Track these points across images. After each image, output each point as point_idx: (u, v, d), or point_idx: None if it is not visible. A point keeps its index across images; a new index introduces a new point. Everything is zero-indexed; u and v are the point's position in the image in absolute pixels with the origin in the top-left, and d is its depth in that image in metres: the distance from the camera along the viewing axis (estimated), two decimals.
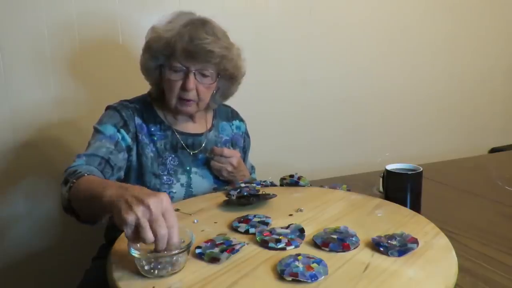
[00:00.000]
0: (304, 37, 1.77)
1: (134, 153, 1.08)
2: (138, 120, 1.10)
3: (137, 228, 0.64)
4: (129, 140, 1.06)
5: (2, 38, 1.31)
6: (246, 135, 1.32)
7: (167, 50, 1.05)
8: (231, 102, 1.26)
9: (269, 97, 1.75)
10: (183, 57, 1.04)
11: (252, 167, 1.37)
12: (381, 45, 1.95)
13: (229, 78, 1.14)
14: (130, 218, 0.63)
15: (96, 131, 1.05)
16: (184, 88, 1.06)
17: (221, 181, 1.18)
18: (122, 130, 1.05)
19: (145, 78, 1.14)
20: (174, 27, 1.04)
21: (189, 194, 1.11)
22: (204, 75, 1.07)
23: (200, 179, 1.15)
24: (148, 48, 1.08)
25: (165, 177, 1.09)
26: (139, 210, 0.63)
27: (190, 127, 1.17)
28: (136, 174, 1.08)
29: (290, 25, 1.74)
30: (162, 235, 0.64)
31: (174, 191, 1.09)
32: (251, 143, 1.35)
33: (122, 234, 0.83)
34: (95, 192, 0.73)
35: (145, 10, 1.46)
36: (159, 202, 0.65)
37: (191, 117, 1.17)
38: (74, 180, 0.84)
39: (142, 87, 1.18)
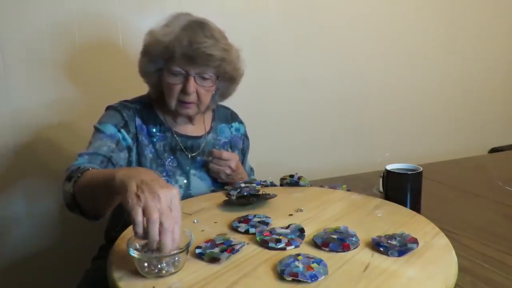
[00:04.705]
0: (304, 37, 1.77)
1: (134, 153, 1.08)
2: (138, 121, 1.10)
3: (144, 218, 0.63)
4: (129, 140, 1.06)
5: (2, 39, 1.31)
6: (245, 137, 1.32)
7: (166, 54, 1.04)
8: (230, 102, 1.26)
9: (269, 97, 1.75)
10: (182, 62, 1.03)
11: (251, 170, 1.37)
12: (381, 45, 1.95)
13: (228, 79, 1.14)
14: (137, 203, 0.63)
15: (97, 130, 1.04)
16: (184, 91, 1.05)
17: (219, 184, 1.18)
18: (122, 130, 1.05)
19: (144, 81, 1.13)
20: (173, 30, 1.03)
21: (187, 196, 1.11)
22: (203, 78, 1.06)
23: (198, 181, 1.15)
24: (147, 52, 1.07)
25: (163, 178, 1.09)
26: (149, 198, 0.63)
27: (190, 130, 1.17)
28: None
29: (289, 25, 1.74)
30: (167, 227, 0.64)
31: None
32: (251, 143, 1.35)
33: (122, 234, 0.83)
34: (104, 178, 0.73)
35: (145, 11, 1.46)
36: (169, 195, 0.65)
37: (190, 119, 1.17)
38: (79, 175, 0.84)
39: (141, 88, 1.17)
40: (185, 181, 1.12)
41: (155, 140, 1.11)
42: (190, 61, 1.03)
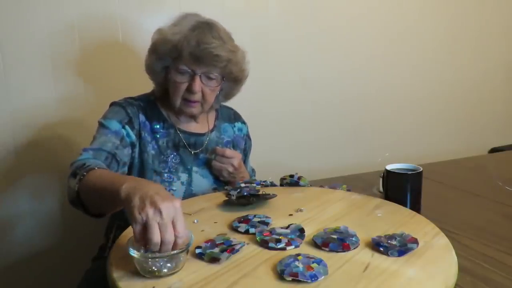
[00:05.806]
0: (304, 37, 1.77)
1: (136, 149, 1.08)
2: (142, 117, 1.10)
3: (145, 228, 0.65)
4: (133, 136, 1.07)
5: (2, 38, 1.31)
6: (247, 137, 1.32)
7: (174, 53, 1.05)
8: (231, 102, 1.26)
9: (269, 97, 1.75)
10: (189, 61, 1.04)
11: (253, 170, 1.37)
12: (381, 45, 1.95)
13: (233, 80, 1.15)
14: (140, 216, 0.65)
15: (101, 125, 1.05)
16: (189, 90, 1.06)
17: (221, 182, 1.18)
18: (127, 127, 1.06)
19: (150, 78, 1.14)
20: (181, 30, 1.05)
21: (189, 192, 1.12)
22: (209, 78, 1.08)
23: (200, 178, 1.15)
24: (155, 50, 1.08)
25: (165, 175, 1.09)
26: (151, 212, 0.65)
27: (193, 127, 1.18)
28: (138, 171, 1.08)
29: (290, 25, 1.74)
30: (167, 240, 0.65)
31: (174, 188, 1.10)
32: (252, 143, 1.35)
33: (122, 234, 0.83)
34: (110, 185, 0.74)
35: (145, 10, 1.46)
36: (171, 208, 0.66)
37: (193, 117, 1.17)
38: (84, 173, 0.84)
39: (142, 86, 1.18)
40: (187, 178, 1.13)
41: (158, 136, 1.12)
42: (197, 60, 1.04)
